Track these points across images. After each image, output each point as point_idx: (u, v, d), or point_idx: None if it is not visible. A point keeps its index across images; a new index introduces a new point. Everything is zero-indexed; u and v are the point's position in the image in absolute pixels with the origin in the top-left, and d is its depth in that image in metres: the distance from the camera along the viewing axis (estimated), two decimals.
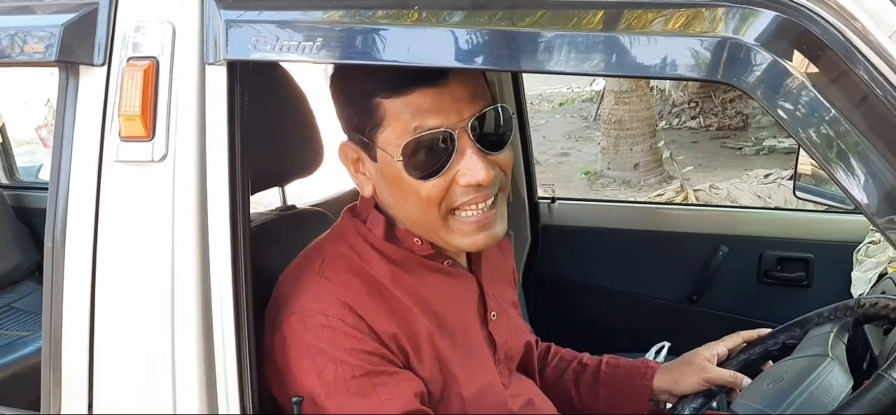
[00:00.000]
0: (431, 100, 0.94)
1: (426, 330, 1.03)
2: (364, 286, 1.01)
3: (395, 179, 0.99)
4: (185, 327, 0.92)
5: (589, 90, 10.97)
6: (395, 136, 0.96)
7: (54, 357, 0.98)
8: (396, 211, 1.04)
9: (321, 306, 0.97)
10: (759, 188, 5.49)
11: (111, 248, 0.95)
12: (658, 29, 0.77)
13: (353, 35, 0.86)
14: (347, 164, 1.06)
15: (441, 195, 0.98)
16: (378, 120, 0.97)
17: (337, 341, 0.96)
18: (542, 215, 2.20)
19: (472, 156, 0.96)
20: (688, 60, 0.76)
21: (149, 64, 0.92)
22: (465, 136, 0.96)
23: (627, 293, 2.12)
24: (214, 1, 0.91)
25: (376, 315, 0.99)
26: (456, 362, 1.05)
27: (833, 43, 0.72)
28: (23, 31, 0.99)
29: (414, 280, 1.05)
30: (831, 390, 0.97)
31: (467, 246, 1.03)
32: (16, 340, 2.27)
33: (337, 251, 1.05)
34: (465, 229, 1.01)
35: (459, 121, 0.96)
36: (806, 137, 0.74)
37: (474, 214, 1.00)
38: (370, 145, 1.00)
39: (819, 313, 1.18)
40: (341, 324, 0.96)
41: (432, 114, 0.95)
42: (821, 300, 1.31)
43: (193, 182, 0.92)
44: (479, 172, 0.96)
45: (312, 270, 1.02)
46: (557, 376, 1.37)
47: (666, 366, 1.30)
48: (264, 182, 1.22)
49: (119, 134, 0.94)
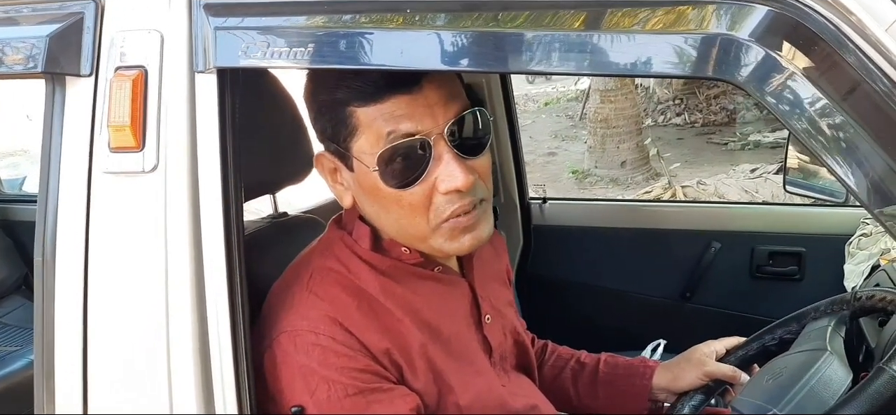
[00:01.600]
0: (405, 106, 0.93)
1: (418, 342, 1.01)
2: (354, 301, 0.99)
3: (372, 190, 0.97)
4: (180, 338, 0.91)
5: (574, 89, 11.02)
6: (369, 144, 0.95)
7: (47, 372, 0.96)
8: (379, 221, 1.02)
9: (311, 324, 0.95)
10: (746, 183, 5.53)
11: (103, 260, 0.93)
12: (651, 27, 0.77)
13: (342, 40, 0.85)
14: (325, 174, 1.04)
15: (424, 203, 0.96)
16: (352, 129, 0.95)
17: (328, 359, 0.94)
18: (534, 216, 2.20)
19: (450, 162, 0.95)
20: (682, 58, 0.76)
21: (137, 73, 0.91)
22: (442, 142, 0.95)
23: (621, 292, 2.13)
24: (203, 8, 0.90)
25: (367, 331, 0.97)
26: (450, 371, 1.04)
27: (828, 36, 0.72)
28: (7, 43, 0.97)
29: (404, 290, 1.03)
30: (831, 383, 0.97)
31: (454, 250, 1.02)
32: (4, 355, 2.23)
33: (325, 265, 1.03)
34: (452, 233, 0.99)
35: (435, 127, 0.94)
36: (803, 131, 0.74)
37: (460, 219, 0.98)
38: (345, 155, 0.98)
39: (815, 307, 1.18)
40: (332, 342, 0.94)
41: (406, 119, 0.93)
42: (813, 294, 1.32)
43: (185, 192, 0.90)
44: (457, 178, 0.94)
45: (301, 285, 1.00)
46: (555, 374, 1.37)
47: (665, 364, 1.30)
48: (255, 190, 1.21)
49: (108, 145, 0.92)
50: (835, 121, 0.72)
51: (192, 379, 0.91)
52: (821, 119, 0.73)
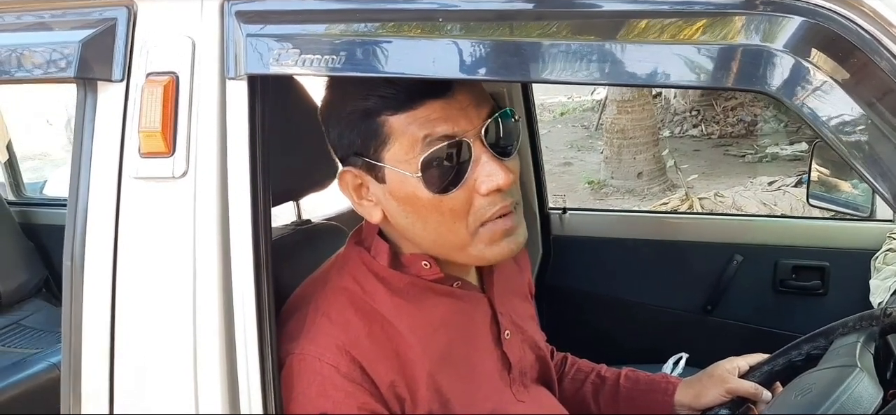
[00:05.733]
0: (440, 110, 0.93)
1: (426, 370, 0.99)
2: (366, 326, 0.97)
3: (409, 199, 0.96)
4: (207, 342, 0.91)
5: (590, 99, 10.99)
6: (404, 151, 0.94)
7: (74, 374, 0.96)
8: (413, 232, 1.00)
9: (317, 351, 0.94)
10: (765, 196, 5.48)
11: (131, 264, 0.94)
12: (686, 38, 0.76)
13: (377, 48, 0.85)
14: (350, 192, 1.02)
15: (465, 208, 0.96)
16: (384, 138, 0.94)
17: (327, 391, 0.93)
18: (554, 226, 2.19)
19: (489, 161, 0.94)
20: (716, 69, 0.75)
21: (169, 79, 0.91)
22: (479, 142, 0.95)
23: (641, 304, 2.11)
24: (235, 16, 0.90)
25: (376, 360, 0.95)
26: (457, 396, 1.02)
27: (866, 47, 0.71)
28: (40, 48, 0.98)
29: (418, 310, 1.02)
30: (862, 401, 0.96)
31: (494, 255, 1.00)
32: (25, 358, 2.25)
33: (340, 285, 1.02)
34: (493, 238, 0.98)
35: (471, 127, 0.94)
36: (840, 143, 0.73)
37: (501, 221, 0.97)
38: (376, 166, 0.96)
39: (843, 322, 1.16)
40: (334, 373, 0.93)
41: (442, 122, 0.93)
42: (837, 309, 1.30)
43: (215, 198, 0.91)
44: (498, 176, 0.94)
45: (315, 305, 0.99)
46: (576, 388, 1.36)
47: (686, 381, 1.29)
48: (280, 197, 1.21)
49: (138, 150, 0.93)
50: (873, 132, 0.72)
51: (218, 383, 0.91)
52: (859, 130, 0.72)
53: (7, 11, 1.02)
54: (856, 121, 0.72)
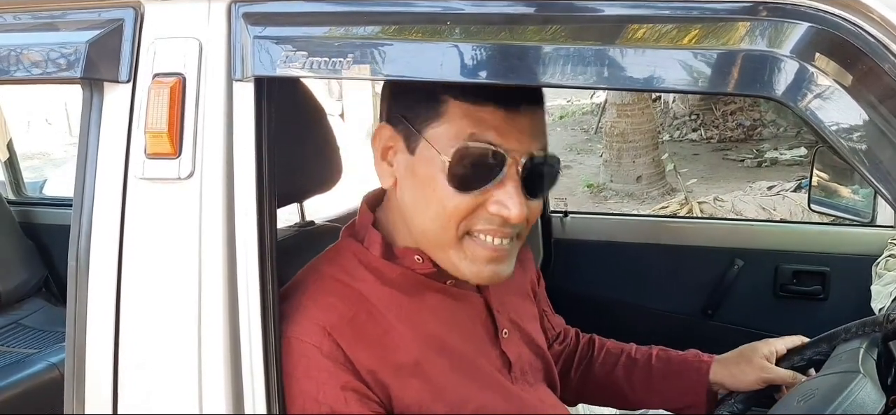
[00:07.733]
0: (498, 120, 0.93)
1: (413, 358, 0.99)
2: (350, 311, 0.97)
3: (427, 181, 0.96)
4: (212, 342, 0.91)
5: (589, 103, 11.00)
6: (448, 135, 0.93)
7: (78, 374, 0.96)
8: (412, 212, 0.99)
9: (301, 332, 0.95)
10: (764, 200, 5.49)
11: (136, 264, 0.94)
12: (693, 43, 0.76)
13: (384, 51, 0.85)
14: (377, 147, 1.01)
15: (465, 214, 0.95)
16: (437, 114, 0.94)
17: (310, 372, 0.93)
18: (555, 229, 2.19)
19: (513, 190, 0.94)
20: (722, 74, 0.76)
21: (175, 81, 0.91)
22: (515, 168, 0.94)
23: (641, 307, 2.11)
24: (242, 17, 0.91)
25: (357, 346, 0.95)
26: (452, 386, 1.02)
27: (872, 52, 0.72)
28: (47, 48, 0.98)
29: (410, 302, 1.02)
30: (864, 407, 0.96)
31: (472, 274, 0.99)
32: (25, 357, 2.25)
33: (329, 272, 1.02)
34: (476, 255, 0.97)
35: (518, 149, 0.94)
36: (846, 148, 0.73)
37: (491, 241, 0.97)
38: (415, 136, 0.96)
39: (846, 328, 1.16)
40: (316, 353, 0.93)
41: (495, 131, 0.93)
42: (838, 314, 1.31)
43: (221, 199, 0.91)
44: (512, 208, 0.93)
45: (304, 290, 1.00)
46: (607, 371, 1.37)
47: (721, 359, 1.29)
48: (285, 198, 1.22)
49: (144, 151, 0.93)
50: (878, 136, 0.72)
51: (223, 384, 0.92)
52: (864, 135, 0.72)
53: (14, 11, 1.02)
54: (861, 125, 0.72)
